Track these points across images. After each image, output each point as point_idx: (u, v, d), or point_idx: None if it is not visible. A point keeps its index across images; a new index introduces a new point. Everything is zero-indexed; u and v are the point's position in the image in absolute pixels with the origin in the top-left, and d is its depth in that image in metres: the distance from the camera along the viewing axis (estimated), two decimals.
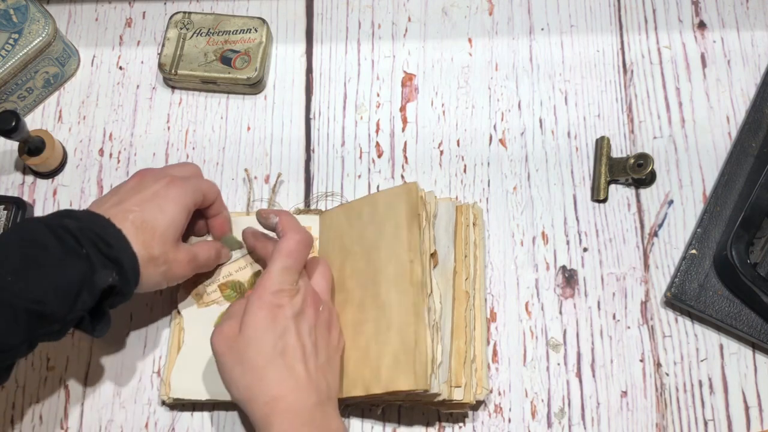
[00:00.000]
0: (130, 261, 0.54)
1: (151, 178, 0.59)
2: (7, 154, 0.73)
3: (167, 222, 0.57)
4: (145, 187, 0.58)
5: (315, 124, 0.73)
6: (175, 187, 0.58)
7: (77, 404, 0.64)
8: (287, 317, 0.54)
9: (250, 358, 0.54)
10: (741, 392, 0.63)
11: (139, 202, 0.57)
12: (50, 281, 0.51)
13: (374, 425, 0.63)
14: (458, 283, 0.62)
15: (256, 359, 0.53)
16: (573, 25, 0.75)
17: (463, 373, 0.59)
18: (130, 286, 0.55)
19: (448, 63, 0.75)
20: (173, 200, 0.58)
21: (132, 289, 0.56)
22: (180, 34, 0.73)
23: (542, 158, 0.71)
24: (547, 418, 0.63)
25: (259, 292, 0.55)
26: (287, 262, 0.56)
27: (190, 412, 0.64)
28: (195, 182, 0.61)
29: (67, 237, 0.52)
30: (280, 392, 0.53)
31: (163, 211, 0.57)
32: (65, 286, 0.51)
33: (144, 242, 0.55)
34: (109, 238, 0.53)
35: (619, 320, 0.66)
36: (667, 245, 0.68)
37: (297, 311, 0.55)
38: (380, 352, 0.58)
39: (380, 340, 0.58)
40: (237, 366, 0.54)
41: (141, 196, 0.57)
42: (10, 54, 0.69)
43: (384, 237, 0.61)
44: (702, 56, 0.74)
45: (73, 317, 0.53)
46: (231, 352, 0.55)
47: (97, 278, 0.52)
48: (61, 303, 0.51)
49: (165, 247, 0.57)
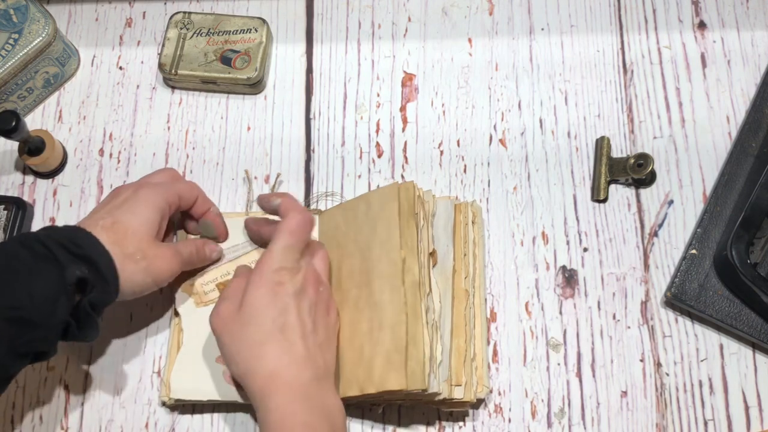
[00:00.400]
0: (103, 258, 0.54)
1: (123, 190, 0.60)
2: (7, 154, 0.73)
3: (139, 221, 0.57)
4: (115, 198, 0.59)
5: (315, 124, 0.73)
6: (145, 189, 0.59)
7: (77, 404, 0.64)
8: (288, 294, 0.55)
9: (250, 334, 0.54)
10: (741, 392, 0.63)
11: (109, 210, 0.58)
12: (23, 286, 0.52)
13: (374, 425, 0.63)
14: (458, 281, 0.62)
15: (255, 335, 0.54)
16: (573, 25, 0.75)
17: (464, 372, 0.59)
18: (108, 284, 0.55)
19: (448, 63, 0.75)
20: (143, 201, 0.58)
21: (112, 288, 0.55)
22: (180, 34, 0.73)
23: (542, 158, 0.71)
24: (547, 418, 0.63)
25: (260, 270, 0.56)
26: (289, 241, 0.57)
27: (190, 413, 0.64)
28: (168, 184, 0.61)
29: (36, 245, 0.53)
30: (278, 367, 0.53)
31: (134, 212, 0.58)
32: (39, 290, 0.52)
33: (116, 241, 0.56)
34: (78, 240, 0.54)
35: (619, 320, 0.66)
36: (667, 245, 0.68)
37: (298, 289, 0.56)
38: (373, 352, 0.58)
39: (373, 340, 0.58)
40: (236, 342, 0.55)
41: (111, 205, 0.59)
42: (10, 54, 0.69)
43: (377, 236, 0.61)
44: (702, 56, 0.74)
45: (56, 322, 0.53)
46: (229, 329, 0.55)
47: (67, 274, 0.53)
48: (39, 307, 0.52)
49: (140, 244, 0.57)
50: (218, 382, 0.61)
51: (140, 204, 0.58)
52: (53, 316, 0.52)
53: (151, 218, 0.58)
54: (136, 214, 0.58)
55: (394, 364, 0.56)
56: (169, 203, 0.60)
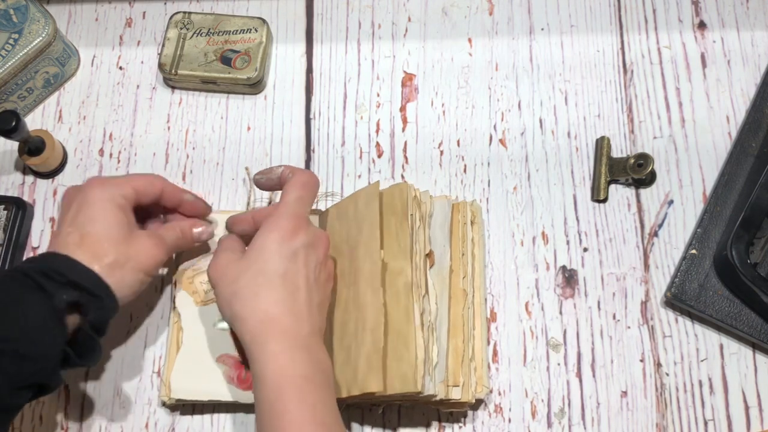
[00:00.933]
0: (88, 278, 0.53)
1: (71, 195, 0.58)
2: (7, 154, 0.73)
3: (104, 226, 0.56)
4: (69, 207, 0.57)
5: (315, 124, 0.73)
6: (93, 189, 0.57)
7: (77, 404, 0.64)
8: (299, 243, 0.55)
9: (251, 276, 0.54)
10: (741, 392, 0.63)
11: (70, 223, 0.56)
12: (13, 319, 0.50)
13: (374, 425, 0.63)
14: (455, 281, 0.62)
15: (257, 278, 0.54)
16: (573, 25, 0.75)
17: (461, 372, 0.59)
18: (102, 299, 0.54)
19: (448, 63, 0.75)
20: (98, 204, 0.56)
21: (108, 302, 0.54)
22: (180, 34, 0.73)
23: (542, 158, 0.71)
24: (547, 418, 0.63)
25: (275, 215, 0.55)
26: (302, 193, 0.57)
27: (190, 414, 0.64)
28: (120, 178, 0.59)
29: (22, 278, 0.52)
30: (278, 312, 0.53)
31: (95, 219, 0.56)
32: (31, 321, 0.51)
33: (93, 254, 0.54)
34: (58, 268, 0.53)
35: (619, 320, 0.66)
36: (667, 245, 0.68)
37: (310, 241, 0.55)
38: (357, 353, 0.58)
39: (358, 341, 0.58)
40: (233, 284, 0.54)
41: (69, 217, 0.57)
42: (10, 54, 0.69)
43: (362, 236, 0.61)
44: (702, 56, 0.74)
45: (52, 353, 0.51)
46: (228, 274, 0.55)
47: (56, 302, 0.51)
48: (32, 339, 0.50)
49: (117, 248, 0.55)
50: (218, 382, 0.61)
51: (97, 208, 0.56)
52: (48, 346, 0.51)
53: (114, 219, 0.56)
54: (98, 220, 0.56)
55: (373, 367, 0.56)
56: (126, 196, 0.58)
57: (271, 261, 0.54)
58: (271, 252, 0.54)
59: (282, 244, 0.54)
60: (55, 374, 0.53)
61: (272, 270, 0.54)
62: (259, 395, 0.52)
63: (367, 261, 0.60)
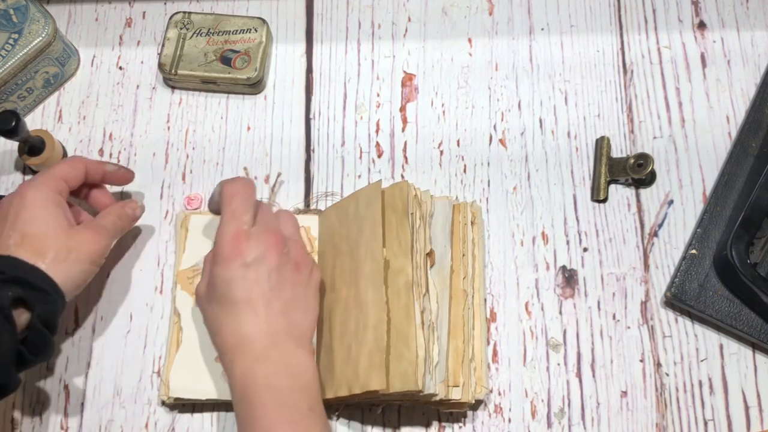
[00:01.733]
0: (32, 273, 0.54)
1: (7, 204, 0.59)
2: (7, 154, 0.73)
3: (43, 224, 0.57)
4: (7, 215, 0.58)
5: (315, 124, 0.73)
6: (28, 192, 0.58)
7: (77, 404, 0.64)
8: (241, 263, 0.55)
9: (215, 309, 0.56)
10: (741, 392, 0.63)
11: (10, 227, 0.57)
12: None
13: (374, 425, 0.63)
14: (456, 281, 0.62)
15: (218, 309, 0.56)
16: (573, 25, 0.75)
17: (461, 373, 0.59)
18: (49, 294, 0.55)
19: (448, 63, 0.75)
20: (36, 204, 0.58)
21: (56, 296, 0.55)
22: (180, 34, 0.73)
23: (542, 158, 0.71)
24: (547, 418, 0.63)
25: (217, 246, 0.56)
26: (233, 205, 0.57)
27: (190, 413, 0.64)
28: (46, 173, 0.60)
29: None
30: (238, 338, 0.55)
31: (34, 218, 0.57)
32: None
33: (35, 251, 0.55)
34: (1, 267, 0.54)
35: (619, 320, 0.66)
36: (667, 245, 0.68)
37: (254, 256, 0.55)
38: (359, 352, 0.58)
39: (359, 340, 0.58)
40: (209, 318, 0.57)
41: (9, 222, 0.57)
42: (10, 54, 0.69)
43: (363, 235, 0.61)
44: (702, 56, 0.74)
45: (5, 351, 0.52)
46: (204, 305, 0.58)
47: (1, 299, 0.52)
48: None
49: (57, 243, 0.57)
50: (217, 381, 0.61)
51: (34, 208, 0.57)
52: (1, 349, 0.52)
53: (52, 215, 0.58)
54: (37, 220, 0.57)
55: (375, 365, 0.56)
56: (60, 191, 0.60)
57: (222, 290, 0.55)
58: (220, 282, 0.55)
59: (227, 271, 0.55)
60: (11, 374, 0.54)
61: (225, 298, 0.55)
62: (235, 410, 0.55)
63: (368, 260, 0.60)
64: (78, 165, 0.62)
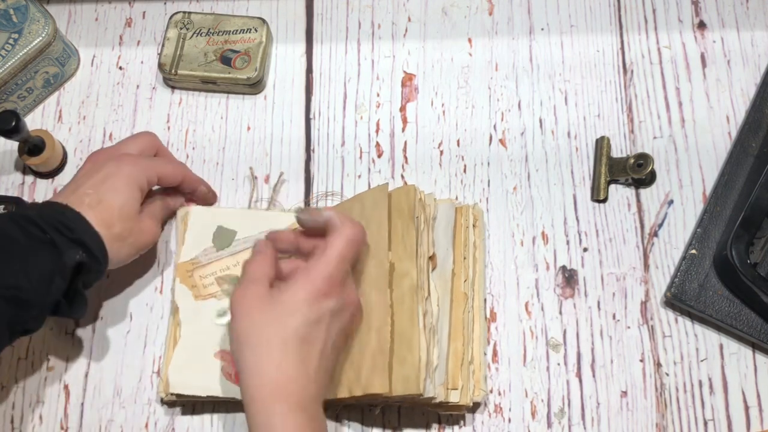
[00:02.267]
0: (94, 240, 0.57)
1: (103, 159, 0.62)
2: (7, 154, 0.73)
3: (122, 200, 0.59)
4: (97, 170, 0.60)
5: (315, 124, 0.73)
6: (126, 165, 0.61)
7: (77, 404, 0.64)
8: (327, 308, 0.53)
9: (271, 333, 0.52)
10: (741, 392, 0.63)
11: (93, 185, 0.59)
12: (22, 268, 0.53)
13: (374, 425, 0.63)
14: (457, 284, 0.62)
15: (276, 335, 0.52)
16: (573, 25, 0.75)
17: (460, 376, 0.59)
18: (99, 263, 0.57)
19: (448, 63, 0.75)
20: (125, 178, 0.60)
21: (103, 267, 0.58)
22: (180, 34, 0.73)
23: (542, 158, 0.71)
24: (547, 418, 0.63)
25: (313, 272, 0.53)
26: (346, 251, 0.54)
27: (190, 414, 0.64)
28: (151, 162, 0.63)
29: (31, 227, 0.55)
30: (287, 377, 0.51)
31: (117, 189, 0.59)
32: (37, 271, 0.54)
33: (104, 221, 0.58)
34: (69, 223, 0.56)
35: (619, 320, 0.66)
36: (667, 245, 0.68)
37: (339, 307, 0.54)
38: (362, 354, 0.57)
39: (362, 342, 0.58)
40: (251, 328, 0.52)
41: (94, 180, 0.60)
42: (10, 54, 0.69)
43: (368, 237, 0.61)
44: (702, 56, 0.74)
45: (50, 302, 0.55)
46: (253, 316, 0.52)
47: (66, 258, 0.55)
48: (37, 288, 0.54)
49: (126, 224, 0.59)
50: (216, 378, 0.61)
51: (122, 181, 0.60)
52: (48, 296, 0.54)
53: (133, 197, 0.60)
54: (119, 193, 0.59)
55: (378, 368, 0.56)
56: (149, 181, 0.62)
57: (294, 321, 0.52)
58: (296, 312, 0.52)
59: (311, 306, 0.52)
60: (43, 321, 0.56)
61: (293, 331, 0.52)
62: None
63: (372, 262, 0.60)
64: (179, 172, 0.65)
